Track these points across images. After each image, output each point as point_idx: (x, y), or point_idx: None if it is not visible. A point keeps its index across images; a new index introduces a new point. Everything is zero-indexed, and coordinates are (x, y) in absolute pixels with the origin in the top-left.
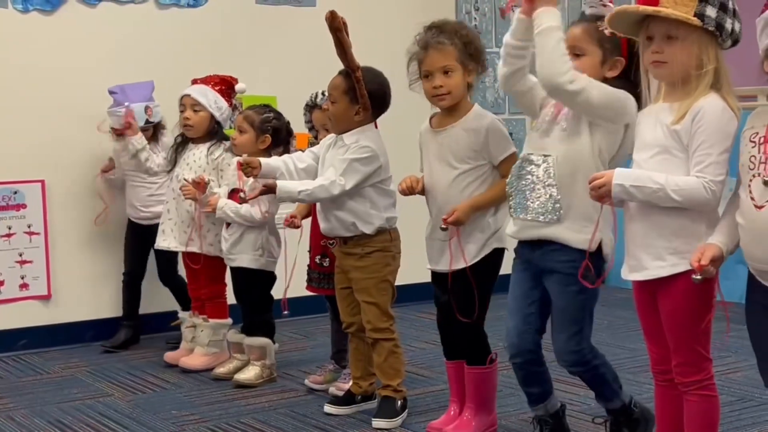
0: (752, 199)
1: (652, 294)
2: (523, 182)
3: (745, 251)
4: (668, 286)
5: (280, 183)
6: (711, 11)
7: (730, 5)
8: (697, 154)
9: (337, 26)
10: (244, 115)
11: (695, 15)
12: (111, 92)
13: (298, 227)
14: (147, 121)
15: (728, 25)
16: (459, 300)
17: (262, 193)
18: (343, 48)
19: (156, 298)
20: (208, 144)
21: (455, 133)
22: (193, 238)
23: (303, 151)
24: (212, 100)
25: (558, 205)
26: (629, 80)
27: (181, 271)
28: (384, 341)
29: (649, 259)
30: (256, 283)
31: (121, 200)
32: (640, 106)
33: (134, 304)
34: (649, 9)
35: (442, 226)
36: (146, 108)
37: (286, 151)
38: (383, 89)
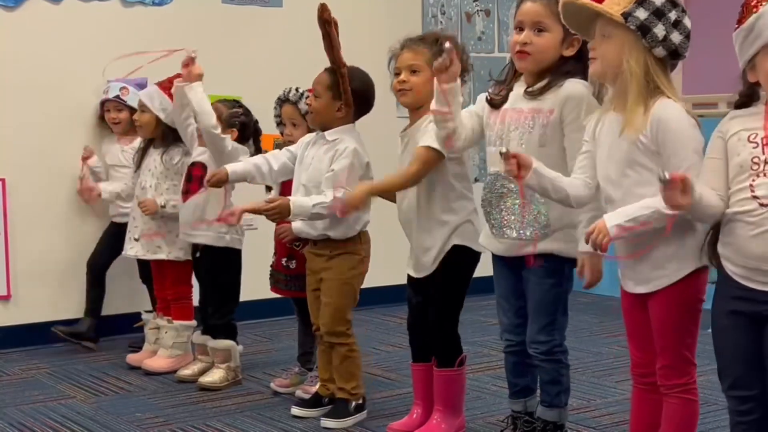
0: (756, 198)
1: (642, 298)
2: (506, 201)
3: (743, 250)
4: (662, 290)
5: (293, 200)
6: (641, 13)
7: (672, 15)
8: (672, 162)
9: (326, 19)
10: (213, 107)
11: (623, 14)
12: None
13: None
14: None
15: (658, 31)
16: (430, 302)
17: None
18: (330, 42)
19: (118, 299)
20: (162, 149)
21: (412, 134)
22: (161, 246)
23: (266, 152)
24: (157, 102)
25: (545, 219)
26: (582, 59)
27: None
28: (339, 345)
29: (650, 269)
30: (224, 264)
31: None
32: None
33: (97, 300)
34: (587, 3)
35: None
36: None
37: (257, 147)
38: (367, 88)
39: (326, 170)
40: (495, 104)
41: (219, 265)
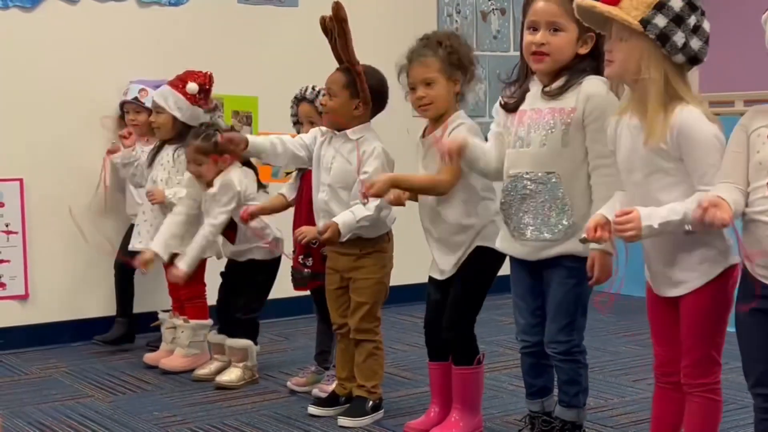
0: None
1: (673, 299)
2: (528, 202)
3: (759, 248)
4: (694, 291)
5: (339, 222)
6: (660, 20)
7: (691, 21)
8: (697, 169)
9: (342, 17)
10: (190, 148)
11: (642, 21)
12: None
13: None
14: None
15: (677, 39)
16: (450, 301)
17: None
18: (345, 41)
19: (135, 298)
20: (175, 145)
21: None
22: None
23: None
24: (171, 101)
25: (571, 221)
26: (596, 56)
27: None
28: (366, 342)
29: (682, 272)
30: (264, 265)
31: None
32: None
33: (127, 300)
34: (601, 6)
35: (363, 201)
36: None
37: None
38: (382, 86)
39: (355, 170)
40: (510, 107)
41: (260, 266)
